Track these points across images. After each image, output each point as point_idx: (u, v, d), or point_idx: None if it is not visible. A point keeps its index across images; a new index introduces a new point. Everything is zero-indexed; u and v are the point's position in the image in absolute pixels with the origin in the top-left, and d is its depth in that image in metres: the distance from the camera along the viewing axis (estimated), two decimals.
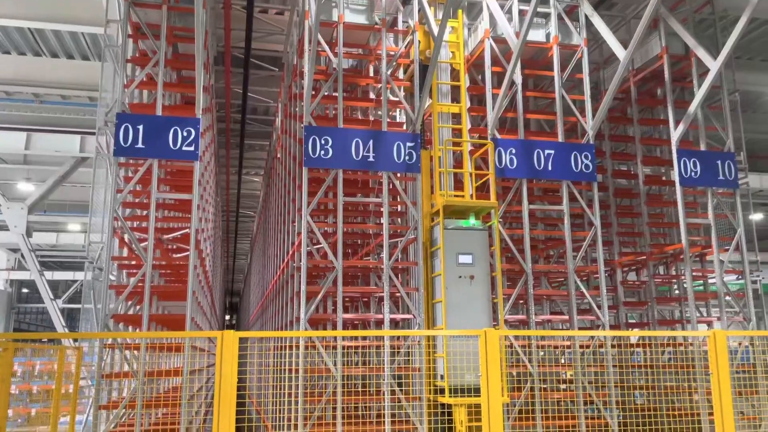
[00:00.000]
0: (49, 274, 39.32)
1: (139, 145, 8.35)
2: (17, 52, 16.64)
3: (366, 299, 10.85)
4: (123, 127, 8.32)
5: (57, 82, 16.93)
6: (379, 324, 9.44)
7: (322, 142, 8.98)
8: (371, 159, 9.12)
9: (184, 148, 8.50)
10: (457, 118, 10.02)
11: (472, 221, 9.06)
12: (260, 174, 24.86)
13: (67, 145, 15.73)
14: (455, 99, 10.11)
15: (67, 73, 16.86)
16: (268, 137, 19.04)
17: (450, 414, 8.46)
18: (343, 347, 8.46)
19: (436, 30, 8.58)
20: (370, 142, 9.12)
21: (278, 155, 14.62)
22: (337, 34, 9.51)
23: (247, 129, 17.23)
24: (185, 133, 8.53)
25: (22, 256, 39.67)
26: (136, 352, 7.95)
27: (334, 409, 8.22)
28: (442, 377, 8.48)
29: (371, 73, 10.57)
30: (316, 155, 8.92)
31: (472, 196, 9.44)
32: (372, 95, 10.48)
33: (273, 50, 14.01)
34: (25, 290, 46.16)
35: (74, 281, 39.30)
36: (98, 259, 8.70)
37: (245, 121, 16.41)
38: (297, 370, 8.20)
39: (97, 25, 13.44)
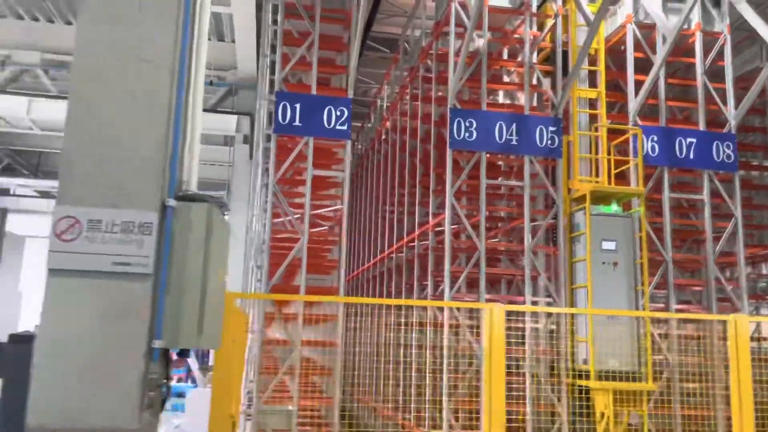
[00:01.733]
0: None
1: (297, 123, 8.62)
2: None
3: (496, 281, 10.96)
4: (281, 105, 8.60)
5: None
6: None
7: (467, 124, 9.08)
8: (514, 142, 9.18)
9: (337, 127, 8.74)
10: (593, 103, 9.97)
11: (614, 208, 9.07)
12: None
13: None
14: (591, 84, 10.05)
15: None
16: (361, 118, 19.23)
17: (585, 395, 8.54)
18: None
19: (590, 14, 8.55)
20: (513, 126, 9.18)
21: (383, 136, 14.79)
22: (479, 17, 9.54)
23: None
24: (338, 113, 8.76)
25: None
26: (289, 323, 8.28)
27: (477, 386, 8.40)
28: (584, 361, 8.57)
29: (505, 56, 10.59)
30: (461, 137, 9.03)
31: (610, 182, 9.42)
32: (506, 78, 10.50)
33: (386, 32, 14.13)
34: None
35: None
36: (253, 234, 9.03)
37: None
38: (438, 347, 8.43)
39: (221, 4, 13.79)
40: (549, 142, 9.25)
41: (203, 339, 3.22)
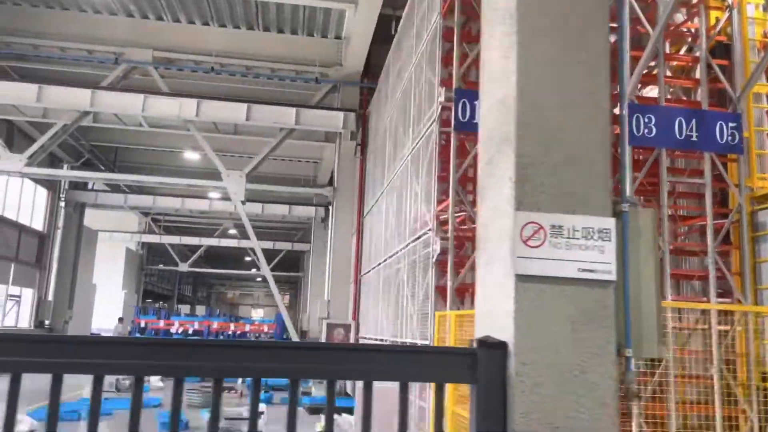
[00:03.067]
0: (176, 239, 41.61)
1: (476, 120, 8.50)
2: (232, 26, 17.33)
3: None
4: (461, 102, 8.50)
5: (266, 55, 17.50)
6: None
7: (646, 120, 8.85)
8: (694, 138, 8.92)
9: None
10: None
11: None
12: None
13: (281, 117, 16.27)
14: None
15: (277, 46, 17.40)
16: None
17: None
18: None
19: None
20: (693, 121, 8.92)
21: None
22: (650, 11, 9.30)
23: None
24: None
25: (153, 220, 42.14)
26: None
27: (663, 391, 8.19)
28: None
29: (666, 49, 10.29)
30: (640, 134, 8.80)
31: None
32: (668, 72, 10.20)
33: None
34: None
35: (198, 246, 41.45)
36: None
37: None
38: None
39: (344, 1, 13.73)
40: (729, 138, 8.95)
41: (662, 348, 3.13)
